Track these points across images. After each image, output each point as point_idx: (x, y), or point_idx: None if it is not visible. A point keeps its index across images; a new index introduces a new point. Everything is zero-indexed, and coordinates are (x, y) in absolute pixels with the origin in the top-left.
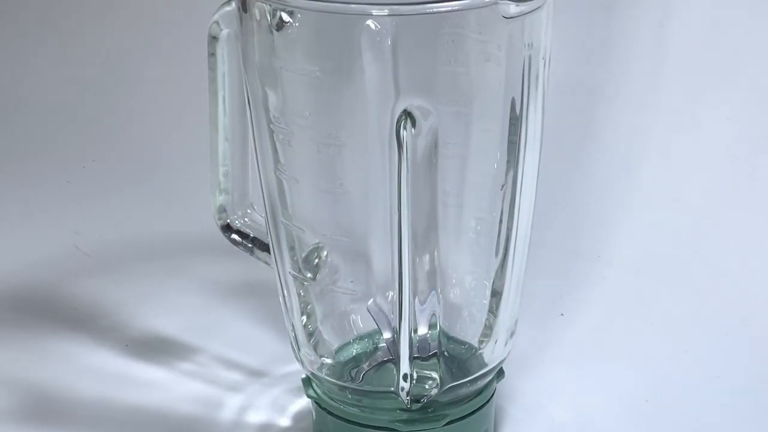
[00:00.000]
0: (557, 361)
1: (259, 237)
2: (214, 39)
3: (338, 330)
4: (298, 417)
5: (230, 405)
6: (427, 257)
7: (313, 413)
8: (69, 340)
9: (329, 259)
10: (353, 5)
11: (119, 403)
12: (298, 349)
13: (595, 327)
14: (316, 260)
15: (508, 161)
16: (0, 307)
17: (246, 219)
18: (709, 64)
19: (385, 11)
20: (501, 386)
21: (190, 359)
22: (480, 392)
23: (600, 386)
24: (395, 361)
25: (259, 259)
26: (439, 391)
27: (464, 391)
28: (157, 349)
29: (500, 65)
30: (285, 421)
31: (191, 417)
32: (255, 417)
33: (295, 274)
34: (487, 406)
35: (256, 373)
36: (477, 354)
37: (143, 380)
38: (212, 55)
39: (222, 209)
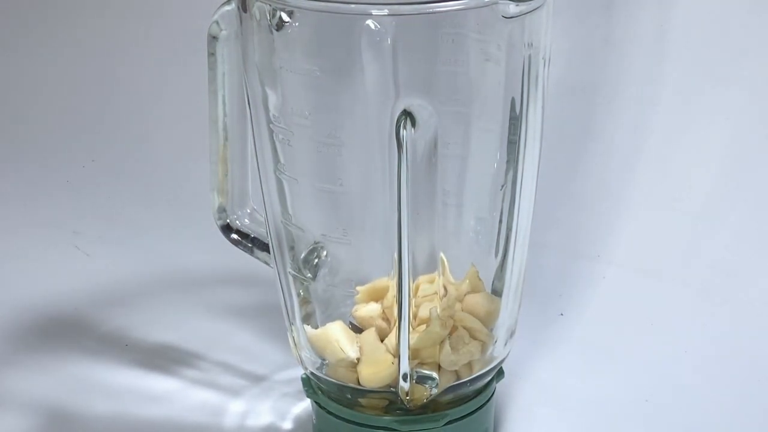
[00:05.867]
0: (557, 361)
1: (259, 237)
2: (213, 39)
3: None
4: (299, 420)
5: (233, 410)
6: (427, 257)
7: (313, 413)
8: (68, 341)
9: (329, 258)
10: (353, 5)
11: (120, 409)
12: (298, 349)
13: (595, 327)
14: (316, 260)
15: (507, 161)
16: None
17: (246, 219)
18: (709, 64)
19: (385, 11)
20: (501, 386)
21: (192, 363)
22: (480, 392)
23: (600, 386)
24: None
25: (258, 258)
26: (438, 390)
27: (464, 391)
28: (158, 351)
29: (500, 65)
30: (287, 425)
31: (196, 424)
32: (258, 421)
33: (295, 273)
34: (487, 406)
35: (258, 379)
36: None
37: (144, 383)
38: (212, 54)
39: (222, 209)
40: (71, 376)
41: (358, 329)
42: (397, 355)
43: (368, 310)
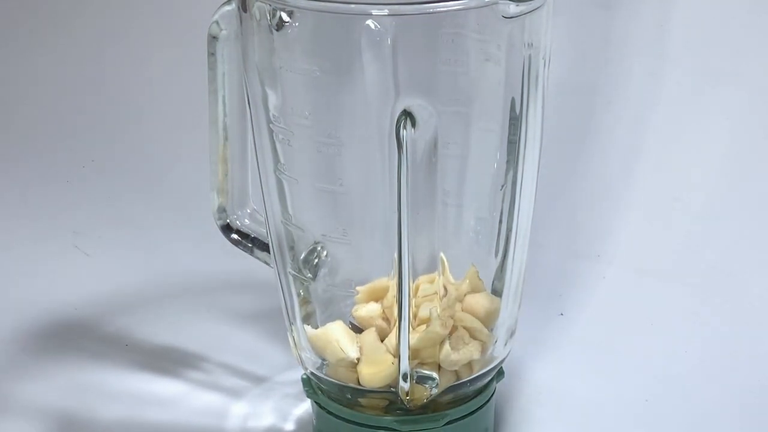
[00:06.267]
0: (557, 361)
1: (259, 237)
2: (214, 39)
3: None
4: (301, 421)
5: (235, 412)
6: (427, 257)
7: (313, 413)
8: (68, 341)
9: (329, 258)
10: (353, 5)
11: (120, 412)
12: (298, 349)
13: (595, 327)
14: (316, 260)
15: (507, 161)
16: None
17: (246, 219)
18: (709, 64)
19: (385, 11)
20: (501, 386)
21: (193, 365)
22: (480, 392)
23: (600, 386)
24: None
25: (258, 259)
26: (438, 390)
27: (464, 391)
28: (158, 353)
29: (500, 65)
30: (289, 426)
31: (198, 426)
32: (260, 422)
33: (295, 273)
34: (487, 406)
35: (259, 380)
36: None
37: (144, 385)
38: (212, 54)
39: (222, 209)
40: (71, 378)
41: (358, 329)
42: (397, 355)
43: (368, 310)
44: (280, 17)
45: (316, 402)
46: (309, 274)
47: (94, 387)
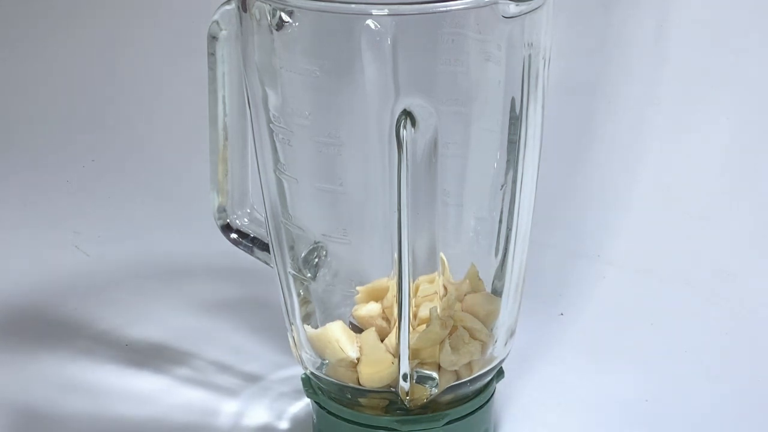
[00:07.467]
0: (557, 361)
1: (259, 237)
2: (213, 39)
3: None
4: (296, 420)
5: (230, 410)
6: (427, 257)
7: (313, 413)
8: (68, 340)
9: (329, 258)
10: (353, 5)
11: (117, 409)
12: (298, 349)
13: (595, 327)
14: (316, 260)
15: (507, 161)
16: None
17: (246, 219)
18: (709, 64)
19: (385, 11)
20: (501, 386)
21: (190, 363)
22: (480, 392)
23: (600, 386)
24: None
25: (258, 258)
26: (438, 390)
27: (464, 391)
28: (158, 351)
29: (500, 65)
30: (284, 424)
31: (192, 424)
32: (254, 420)
33: (295, 273)
34: (487, 406)
35: (255, 378)
36: None
37: (143, 383)
38: (212, 54)
39: (222, 209)
40: (71, 376)
41: (358, 329)
42: (397, 355)
43: (368, 310)
44: (280, 17)
45: (316, 402)
46: (309, 274)
47: (95, 384)
